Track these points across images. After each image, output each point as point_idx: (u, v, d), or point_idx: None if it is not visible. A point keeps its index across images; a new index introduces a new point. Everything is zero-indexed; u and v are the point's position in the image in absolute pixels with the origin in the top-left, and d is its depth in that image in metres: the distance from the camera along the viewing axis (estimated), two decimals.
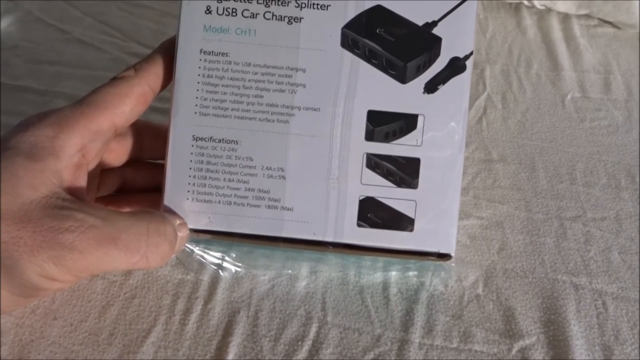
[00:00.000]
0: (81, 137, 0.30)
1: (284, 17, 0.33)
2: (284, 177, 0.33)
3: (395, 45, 0.33)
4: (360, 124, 0.33)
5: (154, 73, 0.32)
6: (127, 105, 0.31)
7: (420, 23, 0.33)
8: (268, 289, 0.35)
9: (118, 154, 0.35)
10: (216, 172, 0.33)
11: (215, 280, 0.35)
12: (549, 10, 0.60)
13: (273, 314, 0.34)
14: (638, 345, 0.33)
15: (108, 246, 0.28)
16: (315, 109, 0.33)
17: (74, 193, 0.29)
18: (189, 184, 0.33)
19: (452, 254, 0.34)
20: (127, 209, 0.36)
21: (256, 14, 0.33)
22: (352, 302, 0.35)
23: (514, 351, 0.33)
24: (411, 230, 0.33)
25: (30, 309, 0.33)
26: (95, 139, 0.30)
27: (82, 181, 0.30)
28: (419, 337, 0.33)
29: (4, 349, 0.31)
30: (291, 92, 0.33)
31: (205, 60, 0.33)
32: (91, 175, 0.32)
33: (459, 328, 0.34)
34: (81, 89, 0.48)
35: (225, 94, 0.33)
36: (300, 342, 0.33)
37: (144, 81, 0.32)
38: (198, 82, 0.33)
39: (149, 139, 0.36)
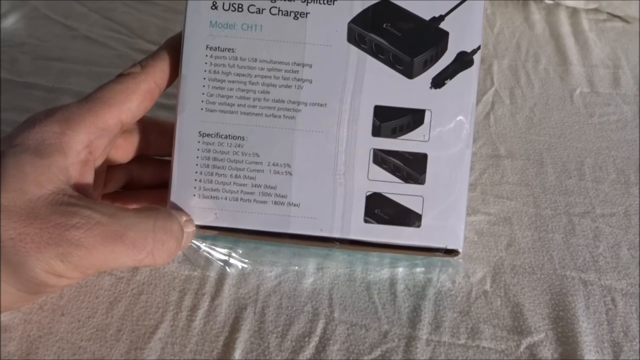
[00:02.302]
0: (88, 133, 0.30)
1: (290, 12, 0.32)
2: (290, 173, 0.33)
3: (402, 40, 0.32)
4: (366, 120, 0.33)
5: (160, 69, 0.32)
6: (133, 101, 0.31)
7: (427, 17, 0.32)
8: (275, 286, 0.35)
9: (124, 150, 0.35)
10: (223, 168, 0.33)
11: (222, 277, 0.35)
12: (557, 4, 0.59)
13: (280, 311, 0.34)
14: None
15: (114, 243, 0.28)
16: (321, 105, 0.33)
17: (80, 190, 0.29)
18: (196, 180, 0.33)
19: (460, 250, 0.33)
20: (133, 206, 0.36)
21: (262, 10, 0.33)
22: (359, 298, 0.35)
23: (522, 347, 0.33)
24: (418, 226, 0.33)
25: (38, 305, 0.33)
26: (101, 135, 0.31)
27: (88, 178, 0.30)
28: (427, 333, 0.33)
29: (12, 345, 0.31)
30: (297, 88, 0.33)
31: (211, 56, 0.33)
32: (98, 172, 0.32)
33: (467, 324, 0.34)
34: (88, 86, 0.48)
35: (231, 89, 0.33)
36: (307, 339, 0.33)
37: (150, 77, 0.32)
38: (204, 78, 0.33)
39: (156, 135, 0.36)
